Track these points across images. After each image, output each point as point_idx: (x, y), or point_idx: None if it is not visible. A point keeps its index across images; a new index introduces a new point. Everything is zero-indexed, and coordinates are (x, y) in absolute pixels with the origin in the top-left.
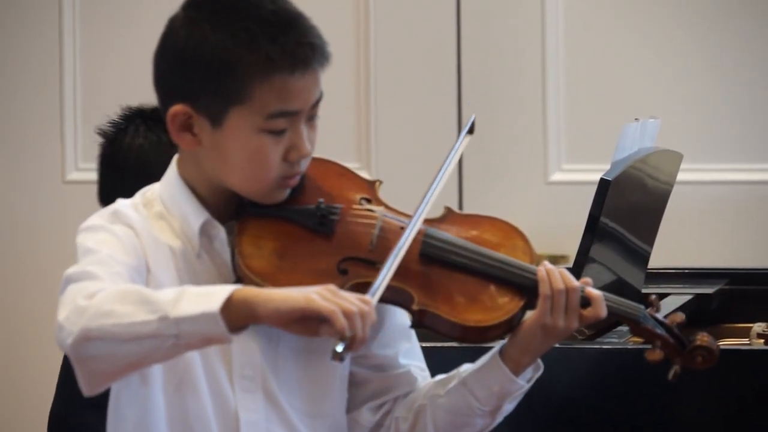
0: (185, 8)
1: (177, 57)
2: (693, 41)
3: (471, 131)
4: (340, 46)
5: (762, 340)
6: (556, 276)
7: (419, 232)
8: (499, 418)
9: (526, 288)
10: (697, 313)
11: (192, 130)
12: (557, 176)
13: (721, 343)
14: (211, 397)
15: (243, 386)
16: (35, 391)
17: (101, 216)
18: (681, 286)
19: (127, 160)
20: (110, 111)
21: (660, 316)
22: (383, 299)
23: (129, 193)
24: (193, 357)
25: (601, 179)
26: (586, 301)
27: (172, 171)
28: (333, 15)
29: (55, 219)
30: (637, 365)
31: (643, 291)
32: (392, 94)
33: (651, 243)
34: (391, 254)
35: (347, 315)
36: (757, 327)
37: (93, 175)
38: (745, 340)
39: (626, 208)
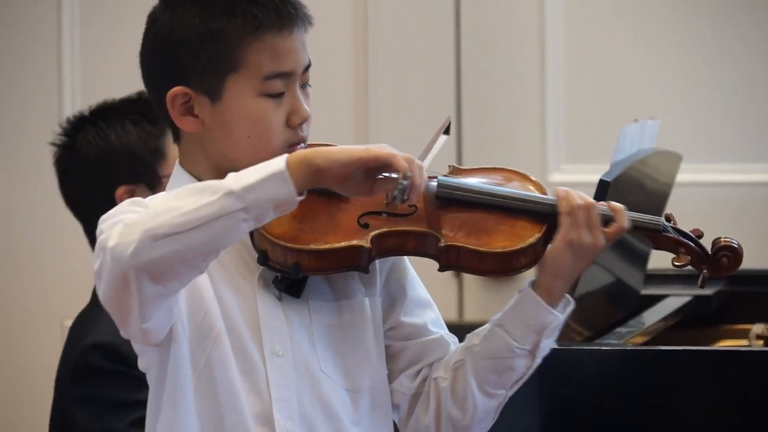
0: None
1: (165, 43)
2: (693, 41)
3: (446, 132)
4: (340, 46)
5: (761, 341)
6: (573, 194)
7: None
8: (539, 359)
9: (546, 214)
10: (697, 314)
11: (192, 112)
12: (556, 177)
13: (720, 344)
14: (241, 375)
15: (275, 363)
16: (35, 391)
17: (119, 205)
18: (680, 287)
19: (87, 156)
20: None
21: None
22: (409, 250)
23: (98, 187)
24: (222, 334)
25: (601, 180)
26: (608, 218)
27: (176, 171)
28: (333, 15)
29: (53, 220)
30: (637, 366)
31: (643, 293)
32: (391, 95)
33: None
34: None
35: (406, 159)
36: (756, 328)
37: None
38: (745, 342)
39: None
